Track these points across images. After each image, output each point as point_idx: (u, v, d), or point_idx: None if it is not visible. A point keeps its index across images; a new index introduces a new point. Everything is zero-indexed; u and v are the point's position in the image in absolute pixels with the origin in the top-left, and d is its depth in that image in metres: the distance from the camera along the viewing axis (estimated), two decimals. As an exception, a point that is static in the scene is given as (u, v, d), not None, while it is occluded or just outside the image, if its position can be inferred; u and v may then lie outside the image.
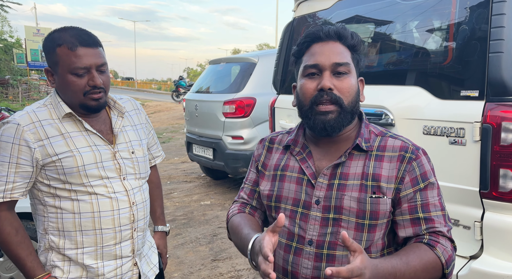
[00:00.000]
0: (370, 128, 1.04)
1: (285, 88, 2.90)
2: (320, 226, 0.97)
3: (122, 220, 1.25)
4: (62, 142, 1.18)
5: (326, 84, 0.94)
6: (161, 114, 14.12)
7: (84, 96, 1.18)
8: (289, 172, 1.05)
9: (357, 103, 0.99)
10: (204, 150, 4.82)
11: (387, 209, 0.95)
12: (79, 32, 1.19)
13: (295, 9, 2.81)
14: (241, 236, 1.01)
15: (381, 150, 0.99)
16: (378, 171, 0.96)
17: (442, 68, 1.80)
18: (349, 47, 1.00)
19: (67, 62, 1.15)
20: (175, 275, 2.95)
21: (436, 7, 1.89)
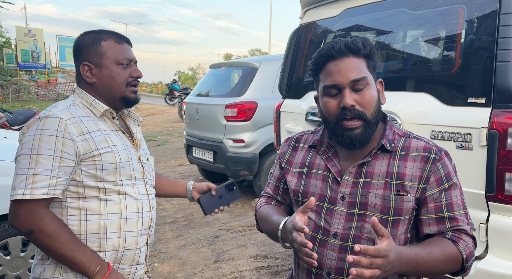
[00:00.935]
0: (394, 130, 1.09)
1: (291, 93, 2.97)
2: (345, 221, 1.02)
3: (144, 223, 1.26)
4: (102, 137, 1.19)
5: (348, 102, 0.98)
6: (155, 117, 14.07)
7: (126, 87, 1.24)
8: (315, 170, 1.11)
9: (379, 110, 1.04)
10: (205, 153, 4.85)
11: (410, 206, 1.00)
12: (116, 32, 1.29)
13: (302, 16, 2.89)
14: (271, 221, 1.09)
15: (405, 150, 1.04)
16: (402, 170, 1.01)
17: (450, 76, 1.88)
18: (364, 56, 1.03)
19: (114, 53, 1.22)
20: (179, 276, 2.97)
21: (444, 17, 1.98)
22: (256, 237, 3.69)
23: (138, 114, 1.42)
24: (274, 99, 4.22)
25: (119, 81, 1.23)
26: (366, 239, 1.01)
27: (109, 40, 1.24)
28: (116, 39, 1.25)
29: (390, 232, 0.99)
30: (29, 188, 1.08)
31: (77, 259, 1.11)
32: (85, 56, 1.24)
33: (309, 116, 2.58)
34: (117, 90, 1.24)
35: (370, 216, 1.00)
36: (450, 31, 1.94)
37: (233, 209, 4.52)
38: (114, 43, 1.24)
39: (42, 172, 1.10)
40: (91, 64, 1.23)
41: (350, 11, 2.45)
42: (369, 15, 2.36)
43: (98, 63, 1.23)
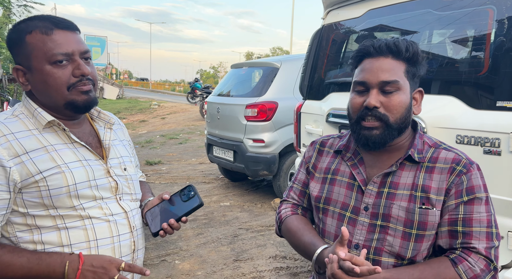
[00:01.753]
0: (424, 139, 1.04)
1: (312, 94, 2.95)
2: (367, 232, 1.00)
3: (123, 248, 1.03)
4: (46, 156, 0.93)
5: (371, 103, 0.96)
6: (177, 115, 14.28)
7: (69, 90, 0.95)
8: (340, 177, 1.08)
9: (406, 118, 0.99)
10: (225, 152, 4.89)
11: (435, 221, 0.96)
12: (50, 16, 0.98)
13: (324, 17, 2.86)
14: (302, 242, 1.06)
15: (432, 161, 0.99)
16: (428, 182, 0.97)
17: (477, 79, 1.83)
18: (405, 60, 0.98)
19: (42, 50, 0.92)
20: (199, 274, 3.01)
21: (472, 18, 1.92)
22: (275, 237, 3.69)
23: (110, 114, 1.14)
24: (295, 99, 4.20)
25: (55, 86, 0.94)
26: (388, 252, 0.98)
27: (35, 32, 0.93)
28: (43, 29, 0.93)
29: (413, 247, 0.96)
30: None
31: (35, 271, 0.90)
32: (16, 56, 0.97)
33: (330, 118, 2.56)
34: (57, 97, 0.96)
35: (393, 228, 0.97)
36: (478, 32, 1.88)
37: (252, 209, 4.55)
38: (41, 35, 0.93)
39: None
40: (22, 67, 0.96)
41: (373, 12, 2.41)
42: (393, 16, 2.31)
43: (28, 65, 0.95)
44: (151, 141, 9.29)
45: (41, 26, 0.94)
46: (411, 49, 0.97)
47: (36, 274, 0.90)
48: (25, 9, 18.72)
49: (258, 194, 5.13)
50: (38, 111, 0.97)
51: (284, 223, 1.17)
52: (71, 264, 0.91)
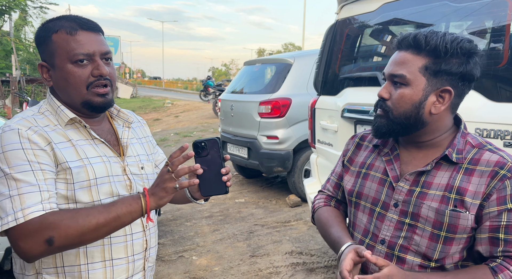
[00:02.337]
0: (467, 139, 0.98)
1: (326, 89, 2.94)
2: (394, 229, 0.99)
3: (135, 247, 1.06)
4: (71, 149, 0.97)
5: (380, 93, 0.99)
6: (190, 113, 14.40)
7: (88, 90, 0.99)
8: (373, 172, 1.08)
9: (412, 116, 0.95)
10: (239, 149, 4.92)
11: (467, 225, 0.92)
12: (77, 17, 1.03)
13: (338, 12, 2.85)
14: (330, 234, 1.09)
15: (473, 163, 0.94)
16: (465, 185, 0.93)
17: (497, 71, 1.79)
18: (427, 53, 0.93)
19: (66, 49, 0.97)
20: (216, 269, 3.06)
21: (490, 9, 1.88)
22: (291, 233, 3.71)
23: (130, 113, 1.17)
24: (309, 95, 4.20)
25: (74, 84, 0.98)
26: (414, 251, 0.97)
27: (60, 31, 0.97)
28: (68, 29, 0.97)
29: (441, 249, 0.94)
30: (19, 211, 0.88)
31: (114, 213, 0.92)
32: (41, 54, 1.02)
33: (345, 113, 2.56)
34: (75, 95, 1.00)
35: (421, 228, 0.96)
36: (497, 24, 1.84)
37: (267, 205, 4.57)
38: (65, 34, 0.97)
39: (28, 189, 0.90)
40: (47, 64, 1.01)
41: (388, 6, 2.38)
42: (408, 9, 2.29)
43: (51, 62, 1.00)
44: (166, 139, 9.41)
45: (66, 26, 0.98)
46: (432, 42, 0.91)
47: (116, 214, 0.92)
48: (41, 11, 19.13)
49: (272, 191, 5.15)
50: (61, 108, 1.02)
51: (316, 213, 1.20)
52: (143, 199, 0.94)
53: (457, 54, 0.91)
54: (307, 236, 3.62)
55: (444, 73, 0.93)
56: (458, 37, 0.92)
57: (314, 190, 2.95)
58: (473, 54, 0.92)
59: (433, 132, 0.99)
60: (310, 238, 3.58)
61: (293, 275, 2.92)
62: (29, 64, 21.60)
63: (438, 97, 0.95)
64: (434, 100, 0.95)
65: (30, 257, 0.90)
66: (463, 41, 0.91)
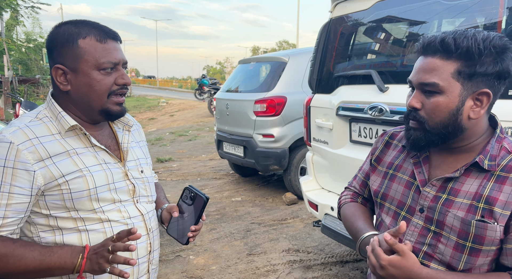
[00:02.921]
0: (503, 143, 0.92)
1: (321, 87, 2.95)
2: (419, 234, 0.96)
3: (140, 251, 1.07)
4: (68, 160, 0.97)
5: (410, 103, 0.92)
6: (185, 112, 14.37)
7: (108, 98, 1.01)
8: (401, 174, 1.04)
9: (450, 124, 0.89)
10: (235, 147, 4.93)
11: (495, 236, 0.86)
12: (100, 24, 1.03)
13: (332, 10, 2.85)
14: (355, 227, 1.07)
15: (506, 170, 0.88)
16: (496, 194, 0.87)
17: (489, 68, 1.82)
18: (458, 57, 0.86)
19: (94, 55, 0.97)
20: (213, 268, 3.06)
21: (482, 7, 1.90)
22: (288, 231, 3.73)
23: (129, 117, 1.18)
24: (304, 93, 4.21)
25: (99, 91, 0.99)
26: (438, 260, 0.92)
27: (89, 38, 0.98)
28: (98, 36, 0.99)
29: (466, 260, 0.89)
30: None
31: (46, 264, 0.92)
32: (59, 56, 0.99)
33: (340, 111, 2.57)
34: (96, 102, 1.00)
35: (446, 237, 0.91)
36: (489, 21, 1.86)
37: (263, 204, 4.59)
38: (95, 42, 0.98)
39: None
40: (65, 67, 0.99)
41: (381, 4, 2.39)
42: (401, 7, 2.30)
43: (74, 67, 0.98)
44: (161, 139, 9.39)
45: (96, 34, 0.99)
46: (463, 45, 0.85)
47: (47, 266, 0.92)
48: (33, 11, 18.93)
49: (269, 189, 5.17)
50: (62, 114, 1.00)
51: (342, 209, 1.18)
52: (80, 254, 0.94)
53: (491, 54, 0.85)
54: (304, 234, 3.64)
55: (480, 75, 0.86)
56: (489, 35, 0.86)
57: (310, 188, 2.97)
58: (506, 50, 0.86)
59: (470, 137, 0.94)
60: (306, 236, 3.60)
61: (290, 273, 2.94)
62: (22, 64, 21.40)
63: (475, 100, 0.89)
64: (472, 104, 0.89)
65: None
66: (495, 38, 0.85)
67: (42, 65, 22.67)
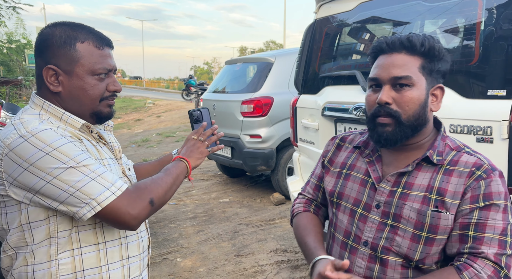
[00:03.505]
0: (446, 141, 1.01)
1: (307, 88, 2.97)
2: (376, 230, 0.99)
3: (144, 244, 1.12)
4: (93, 148, 1.01)
5: (382, 99, 0.94)
6: (173, 113, 14.25)
7: (100, 102, 1.03)
8: (355, 172, 1.08)
9: (420, 116, 0.95)
10: (222, 148, 4.91)
11: (448, 225, 0.93)
12: (95, 30, 1.04)
13: (317, 11, 2.87)
14: (306, 245, 1.08)
15: (452, 164, 0.96)
16: (445, 185, 0.94)
17: (469, 68, 1.85)
18: (421, 55, 0.95)
19: (91, 60, 0.98)
20: (201, 270, 3.05)
21: (461, 8, 1.94)
22: (276, 231, 3.74)
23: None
24: (290, 94, 4.22)
25: (92, 96, 1.01)
26: (396, 252, 0.97)
27: (87, 43, 0.99)
28: (96, 42, 1.00)
29: (422, 250, 0.94)
30: (111, 186, 0.92)
31: (175, 173, 1.07)
32: (52, 57, 0.98)
33: (325, 112, 2.59)
34: (88, 105, 1.02)
35: (402, 229, 0.96)
36: (468, 23, 1.90)
37: (251, 204, 4.58)
38: (93, 47, 0.99)
39: (102, 170, 0.93)
40: (58, 69, 0.98)
41: (365, 5, 2.42)
42: (384, 9, 2.33)
43: (68, 69, 0.98)
44: (148, 140, 9.29)
45: (94, 39, 1.01)
46: (426, 44, 0.94)
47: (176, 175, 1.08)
48: (14, 11, 18.51)
49: (257, 189, 5.17)
50: (68, 115, 1.01)
51: (295, 219, 1.20)
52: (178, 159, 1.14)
53: (444, 54, 0.97)
54: (292, 234, 3.65)
55: (436, 72, 0.97)
56: (436, 38, 0.97)
57: (297, 188, 2.98)
58: (447, 53, 0.99)
59: (423, 134, 1.00)
60: (294, 236, 3.61)
61: (278, 273, 2.94)
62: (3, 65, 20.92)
63: (431, 95, 0.99)
64: (431, 98, 0.99)
65: (138, 222, 0.96)
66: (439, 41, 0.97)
67: (24, 66, 22.18)
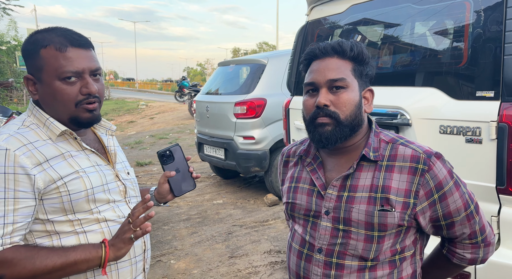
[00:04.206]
0: (380, 137, 1.03)
1: (299, 90, 2.98)
2: (330, 236, 1.00)
3: (136, 249, 1.09)
4: (64, 163, 0.98)
5: (321, 101, 0.96)
6: (166, 114, 14.20)
7: (76, 107, 0.99)
8: (302, 184, 1.08)
9: (357, 116, 0.99)
10: (216, 150, 4.91)
11: (395, 222, 0.95)
12: (67, 31, 1.01)
13: (308, 13, 2.89)
14: None
15: (391, 159, 0.98)
16: (388, 182, 0.96)
17: (458, 70, 1.88)
18: (351, 59, 1.00)
19: (54, 65, 0.96)
20: (195, 272, 3.04)
21: (450, 11, 1.97)
22: (269, 232, 3.74)
23: (109, 123, 1.20)
24: (283, 95, 4.24)
25: (62, 102, 0.98)
26: (351, 255, 0.98)
27: (50, 48, 0.96)
28: (58, 45, 0.97)
29: (375, 248, 0.97)
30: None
31: (72, 259, 0.94)
32: (28, 66, 1.01)
33: (318, 113, 2.60)
34: (62, 111, 1.00)
35: (355, 232, 0.97)
36: (457, 25, 1.93)
37: (245, 205, 4.59)
38: (54, 51, 0.96)
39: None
40: (33, 77, 1.00)
41: (356, 7, 2.45)
42: (375, 11, 2.36)
43: (38, 77, 0.98)
44: (141, 142, 9.24)
45: (56, 42, 0.97)
46: (355, 49, 0.99)
47: (74, 260, 0.94)
48: (4, 12, 18.31)
49: (250, 191, 5.17)
50: (50, 121, 1.01)
51: None
52: (101, 245, 0.98)
53: (369, 59, 1.03)
54: (285, 235, 3.66)
55: (365, 75, 1.03)
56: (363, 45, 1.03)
57: (290, 189, 2.99)
58: (372, 60, 1.06)
59: (359, 134, 1.03)
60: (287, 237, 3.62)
61: (271, 274, 2.95)
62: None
63: (363, 98, 1.03)
64: (364, 100, 1.03)
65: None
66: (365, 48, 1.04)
67: (15, 68, 21.94)
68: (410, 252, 1.02)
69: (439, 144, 1.87)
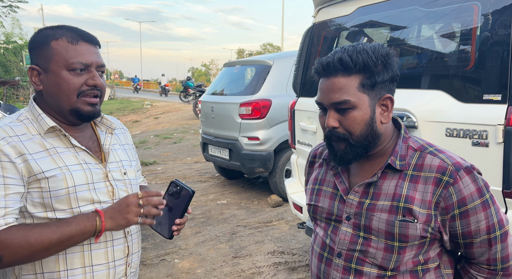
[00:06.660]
0: (409, 143, 0.98)
1: (305, 91, 2.99)
2: (349, 242, 0.98)
3: (116, 253, 1.07)
4: (48, 158, 0.98)
5: (329, 124, 0.94)
6: (170, 114, 14.25)
7: (78, 97, 1.01)
8: (325, 187, 1.08)
9: (369, 134, 0.94)
10: (220, 150, 4.93)
11: (417, 234, 0.92)
12: (78, 28, 1.06)
13: (315, 15, 2.90)
14: None
15: (417, 169, 0.94)
16: (412, 193, 0.92)
17: (465, 73, 1.88)
18: (358, 72, 0.92)
19: (64, 56, 0.99)
20: (199, 272, 3.05)
21: (458, 14, 1.97)
22: (273, 233, 3.75)
23: (113, 119, 1.21)
24: (288, 96, 4.25)
25: (66, 91, 1.00)
26: (370, 263, 0.96)
27: (62, 39, 1.01)
28: (70, 38, 1.01)
29: (396, 259, 0.95)
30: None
31: (68, 233, 0.94)
32: (34, 57, 1.04)
33: (323, 114, 2.61)
34: (65, 101, 1.02)
35: (375, 240, 0.95)
36: (464, 28, 1.93)
37: (249, 206, 4.60)
38: (66, 43, 1.01)
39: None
40: (39, 68, 1.03)
41: (363, 9, 2.45)
42: (382, 13, 2.36)
43: (45, 67, 1.01)
44: (145, 142, 9.28)
45: (68, 35, 1.02)
46: (360, 61, 0.91)
47: (69, 234, 0.94)
48: (11, 10, 18.47)
49: (254, 191, 5.18)
50: (42, 116, 1.02)
51: None
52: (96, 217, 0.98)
53: (382, 62, 0.93)
54: (289, 236, 3.67)
55: (379, 83, 0.94)
56: (375, 46, 0.93)
57: (295, 190, 3.00)
58: (391, 56, 0.94)
59: (383, 142, 0.99)
60: (291, 238, 3.62)
61: (275, 275, 2.96)
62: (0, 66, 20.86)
63: (381, 106, 0.96)
64: (380, 111, 0.96)
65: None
66: (379, 48, 0.93)
67: (21, 67, 22.11)
68: (435, 264, 0.98)
69: (445, 147, 1.86)
